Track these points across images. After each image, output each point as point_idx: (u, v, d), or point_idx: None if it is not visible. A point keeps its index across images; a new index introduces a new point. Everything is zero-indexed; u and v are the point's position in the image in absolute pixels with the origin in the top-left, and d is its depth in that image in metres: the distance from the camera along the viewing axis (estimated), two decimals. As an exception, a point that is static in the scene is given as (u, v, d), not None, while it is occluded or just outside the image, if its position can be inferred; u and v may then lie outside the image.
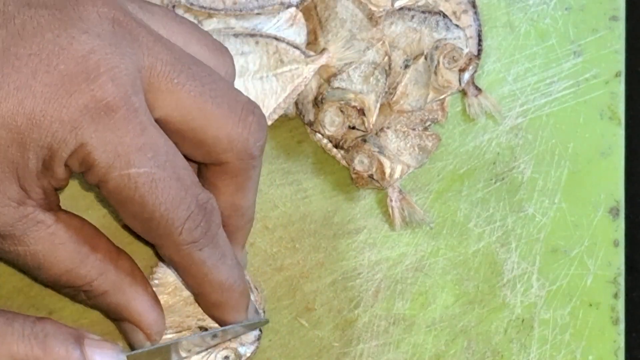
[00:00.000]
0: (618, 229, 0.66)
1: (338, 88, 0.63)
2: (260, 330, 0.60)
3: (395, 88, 0.64)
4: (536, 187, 0.66)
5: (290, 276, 0.62)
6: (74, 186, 0.62)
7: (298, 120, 0.65)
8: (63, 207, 0.55)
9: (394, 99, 0.64)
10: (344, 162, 0.64)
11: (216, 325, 0.59)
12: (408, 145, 0.64)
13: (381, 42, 0.64)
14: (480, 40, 0.66)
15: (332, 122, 0.63)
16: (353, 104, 0.64)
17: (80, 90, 0.50)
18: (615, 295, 0.65)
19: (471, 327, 0.63)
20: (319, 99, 0.64)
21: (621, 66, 0.68)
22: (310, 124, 0.64)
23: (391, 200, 0.64)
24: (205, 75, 0.54)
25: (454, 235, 0.64)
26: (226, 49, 0.58)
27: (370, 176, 0.63)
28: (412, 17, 0.65)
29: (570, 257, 0.65)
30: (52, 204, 0.54)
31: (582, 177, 0.66)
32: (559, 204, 0.66)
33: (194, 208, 0.53)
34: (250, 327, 0.59)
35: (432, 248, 0.64)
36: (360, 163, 0.63)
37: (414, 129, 0.64)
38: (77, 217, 0.56)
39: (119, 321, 0.57)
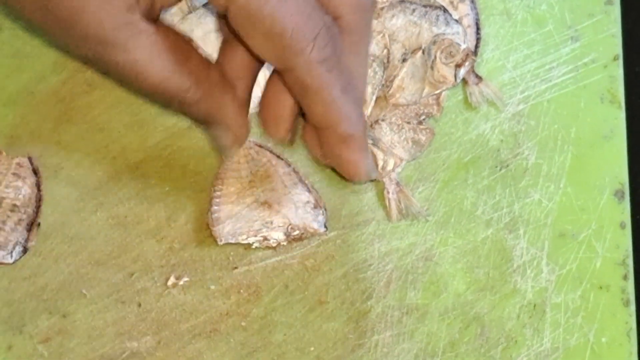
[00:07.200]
0: (624, 211, 0.66)
1: (337, 77, 0.63)
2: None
3: (392, 81, 0.65)
4: (541, 172, 0.66)
5: (302, 270, 0.62)
6: (79, 188, 0.61)
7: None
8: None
9: (390, 92, 0.65)
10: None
11: (277, 228, 0.61)
12: (402, 138, 0.64)
13: (381, 35, 0.64)
14: (478, 28, 0.66)
15: (328, 111, 0.64)
16: (350, 94, 0.64)
17: None
18: (625, 277, 0.65)
19: (484, 314, 0.63)
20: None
21: (619, 49, 0.68)
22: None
23: (388, 193, 0.64)
24: None
25: (462, 223, 0.64)
26: None
27: None
28: (414, 10, 0.65)
29: (578, 241, 0.65)
30: (154, 17, 0.56)
31: (586, 161, 0.66)
32: (564, 189, 0.66)
33: (322, 26, 0.54)
34: None
35: (441, 237, 0.64)
36: None
37: (408, 123, 0.64)
38: (172, 30, 0.57)
39: (209, 126, 0.60)
